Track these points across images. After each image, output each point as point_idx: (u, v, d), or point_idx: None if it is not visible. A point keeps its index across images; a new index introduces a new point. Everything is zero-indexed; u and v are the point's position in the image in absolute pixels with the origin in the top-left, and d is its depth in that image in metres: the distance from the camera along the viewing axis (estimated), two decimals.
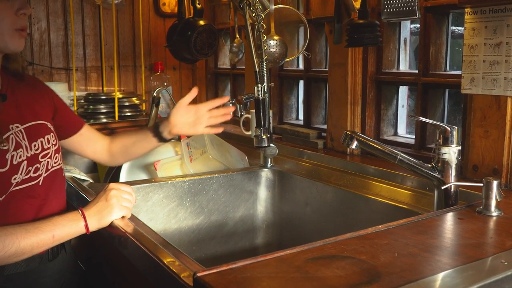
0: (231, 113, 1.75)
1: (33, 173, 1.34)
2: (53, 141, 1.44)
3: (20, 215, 1.30)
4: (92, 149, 1.71)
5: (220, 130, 1.74)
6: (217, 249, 1.99)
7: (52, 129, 1.46)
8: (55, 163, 1.42)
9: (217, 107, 1.72)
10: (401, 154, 1.42)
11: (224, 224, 2.00)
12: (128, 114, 2.81)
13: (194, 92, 1.70)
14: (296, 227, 2.00)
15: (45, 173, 1.38)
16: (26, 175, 1.32)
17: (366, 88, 2.02)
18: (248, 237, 2.06)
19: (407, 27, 2.06)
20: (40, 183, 1.36)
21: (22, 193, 1.31)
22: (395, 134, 2.09)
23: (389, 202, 1.64)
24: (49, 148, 1.40)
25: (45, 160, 1.38)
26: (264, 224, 2.09)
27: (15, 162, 1.30)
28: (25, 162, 1.32)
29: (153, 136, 1.69)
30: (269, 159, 2.09)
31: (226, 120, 1.74)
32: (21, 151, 1.32)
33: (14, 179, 1.29)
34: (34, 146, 1.36)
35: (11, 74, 1.43)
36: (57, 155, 1.44)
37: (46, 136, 1.41)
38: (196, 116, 1.68)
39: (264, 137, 1.83)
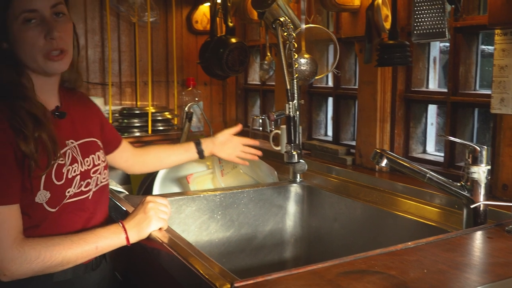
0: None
1: (85, 187, 1.41)
2: (103, 158, 1.51)
3: (70, 226, 1.37)
4: (125, 160, 1.80)
5: (246, 163, 2.06)
6: (246, 262, 2.03)
7: (101, 146, 1.54)
8: (103, 178, 1.50)
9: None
10: (430, 172, 1.45)
11: (254, 237, 2.05)
12: (161, 128, 2.89)
13: (239, 128, 2.01)
14: (324, 242, 2.03)
15: (94, 187, 1.45)
16: (78, 189, 1.39)
17: (395, 106, 2.05)
18: (276, 251, 2.10)
19: (437, 46, 2.09)
20: (90, 197, 1.43)
21: (73, 206, 1.38)
22: (424, 151, 2.11)
23: (418, 219, 1.66)
24: (99, 164, 1.48)
25: (95, 176, 1.45)
26: (293, 238, 2.12)
27: (70, 176, 1.37)
28: (79, 176, 1.39)
29: (197, 152, 1.90)
30: (298, 175, 2.13)
31: (253, 159, 2.04)
32: (75, 166, 1.39)
33: (68, 192, 1.36)
34: (87, 161, 1.43)
35: (66, 90, 1.50)
36: (105, 171, 1.51)
37: (97, 153, 1.49)
38: (233, 145, 1.97)
39: (294, 153, 1.88)
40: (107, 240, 1.35)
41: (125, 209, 1.66)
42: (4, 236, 1.22)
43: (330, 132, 2.63)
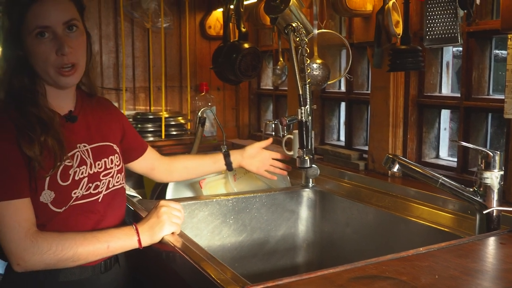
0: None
1: (93, 189, 1.43)
2: (117, 161, 1.53)
3: (79, 227, 1.39)
4: (151, 167, 1.83)
5: (275, 178, 2.05)
6: (258, 267, 2.04)
7: (118, 151, 1.56)
8: (116, 182, 1.51)
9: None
10: (443, 178, 1.44)
11: (266, 242, 2.05)
12: (174, 132, 2.91)
13: (269, 141, 2.04)
14: (336, 247, 2.03)
15: (105, 191, 1.47)
16: (86, 191, 1.41)
17: (408, 111, 2.05)
18: (289, 256, 2.10)
19: (450, 51, 2.08)
20: (100, 200, 1.45)
21: (82, 208, 1.40)
22: (437, 156, 2.10)
23: (430, 224, 1.65)
24: (111, 168, 1.50)
25: (106, 179, 1.47)
26: (305, 243, 2.12)
27: (76, 178, 1.39)
28: (86, 178, 1.41)
29: (225, 164, 1.94)
30: (310, 179, 2.13)
31: (282, 174, 2.05)
32: (83, 168, 1.41)
33: (74, 193, 1.39)
34: (98, 164, 1.46)
35: (85, 94, 1.54)
36: (119, 175, 1.53)
37: (111, 157, 1.51)
38: (262, 159, 1.99)
39: (306, 158, 1.89)
40: (119, 240, 1.37)
41: (138, 213, 1.68)
42: (17, 227, 1.26)
43: (342, 137, 2.63)
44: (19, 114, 1.33)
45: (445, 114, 2.10)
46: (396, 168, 1.48)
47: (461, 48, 1.93)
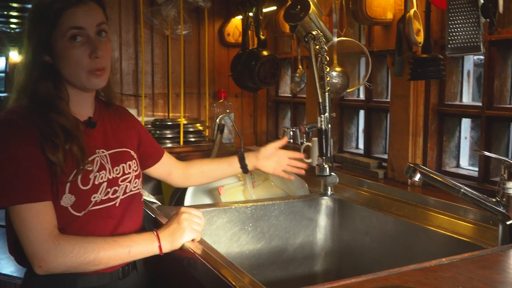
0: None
1: (112, 194, 1.44)
2: (135, 167, 1.54)
3: (97, 232, 1.40)
4: (168, 173, 1.84)
5: (292, 178, 2.02)
6: (276, 274, 2.03)
7: (135, 156, 1.58)
8: (134, 187, 1.53)
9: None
10: (465, 187, 1.43)
11: (284, 250, 2.05)
12: (192, 139, 2.93)
13: (284, 141, 1.99)
14: (355, 255, 2.02)
15: (122, 195, 1.48)
16: (105, 195, 1.43)
17: (428, 119, 2.04)
18: (307, 264, 2.09)
19: (471, 60, 2.07)
20: (117, 205, 1.46)
21: (100, 213, 1.41)
22: (458, 166, 2.09)
23: (451, 234, 1.64)
24: (129, 173, 1.51)
25: (124, 184, 1.48)
26: (323, 251, 2.12)
27: (96, 182, 1.41)
28: (105, 183, 1.43)
29: (240, 167, 1.90)
30: (329, 187, 2.12)
31: (300, 173, 2.00)
32: (103, 173, 1.43)
33: (94, 197, 1.40)
34: (116, 170, 1.47)
35: (103, 103, 1.57)
36: (137, 180, 1.54)
37: (128, 162, 1.52)
38: (279, 159, 1.94)
39: (326, 166, 1.88)
40: (140, 246, 1.38)
41: (158, 219, 1.69)
42: (39, 229, 1.27)
43: (361, 145, 2.62)
44: (43, 120, 1.35)
45: (466, 123, 2.09)
46: (417, 177, 1.47)
47: (482, 57, 1.92)
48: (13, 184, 1.29)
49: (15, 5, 6.11)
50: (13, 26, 8.18)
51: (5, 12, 6.46)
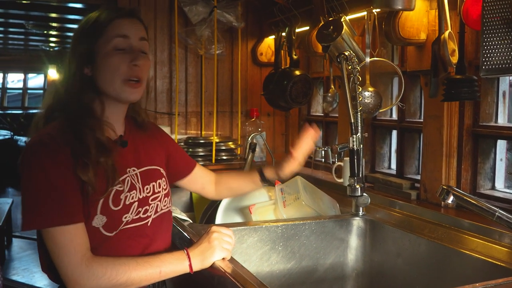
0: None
1: (143, 214, 1.47)
2: (164, 185, 1.57)
3: (128, 251, 1.42)
4: (201, 185, 1.88)
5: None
6: None
7: (164, 174, 1.60)
8: (164, 206, 1.55)
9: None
10: (500, 211, 1.41)
11: (315, 270, 2.04)
12: (224, 157, 2.95)
13: (308, 129, 1.93)
14: (387, 278, 1.99)
15: (154, 214, 1.50)
16: (136, 215, 1.45)
17: (462, 140, 2.01)
18: (337, 285, 2.08)
19: (506, 80, 2.03)
20: (149, 224, 1.48)
21: (131, 232, 1.43)
22: (493, 188, 2.04)
23: (485, 258, 1.60)
24: (159, 192, 1.54)
25: (154, 203, 1.51)
26: (354, 272, 2.10)
27: (127, 202, 1.43)
28: (136, 203, 1.45)
29: (260, 179, 1.89)
30: (361, 208, 2.11)
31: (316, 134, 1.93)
32: (134, 193, 1.45)
33: (125, 217, 1.42)
34: (147, 189, 1.49)
35: (133, 122, 1.60)
36: (166, 198, 1.57)
37: (158, 181, 1.55)
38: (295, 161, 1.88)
39: (357, 186, 1.87)
40: (171, 265, 1.39)
41: (189, 237, 1.70)
42: (73, 252, 1.30)
43: (393, 165, 2.59)
44: (75, 137, 1.37)
45: (502, 145, 2.05)
46: (450, 199, 1.45)
47: None
48: (46, 206, 1.31)
49: (54, 24, 6.32)
50: (52, 44, 8.46)
51: (45, 31, 6.68)
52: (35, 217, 1.31)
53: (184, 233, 1.76)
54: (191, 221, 1.99)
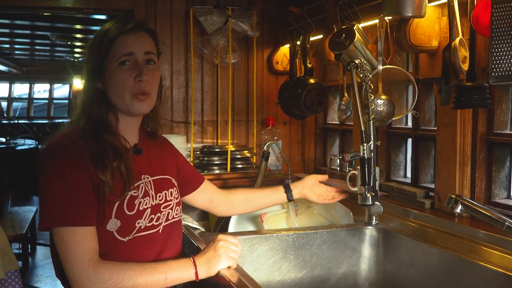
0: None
1: (155, 221, 1.49)
2: (175, 194, 1.60)
3: (141, 258, 1.44)
4: (209, 200, 1.89)
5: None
6: None
7: (176, 184, 1.64)
8: (175, 214, 1.57)
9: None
10: (509, 220, 1.38)
11: (327, 279, 2.02)
12: (240, 166, 2.96)
13: (325, 177, 2.13)
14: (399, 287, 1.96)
15: (165, 222, 1.52)
16: (149, 222, 1.47)
17: (476, 149, 1.98)
18: None
19: None
20: (160, 231, 1.51)
21: (144, 239, 1.46)
22: (508, 197, 2.00)
23: (500, 270, 1.57)
24: (171, 200, 1.56)
25: (166, 211, 1.53)
26: (367, 282, 2.07)
27: (141, 208, 1.46)
28: (149, 209, 1.48)
29: (285, 192, 2.00)
30: (374, 217, 2.09)
31: (344, 197, 2.15)
32: (147, 199, 1.48)
33: (138, 223, 1.45)
34: (159, 196, 1.52)
35: (146, 133, 1.65)
36: (177, 207, 1.59)
37: (170, 190, 1.58)
38: (321, 192, 2.07)
39: (368, 195, 1.86)
40: (176, 272, 1.40)
41: (197, 245, 1.71)
42: (80, 255, 1.32)
43: (409, 173, 2.56)
44: (95, 140, 1.43)
45: None
46: (459, 208, 1.43)
47: None
48: (59, 205, 1.34)
49: (78, 35, 6.45)
50: (76, 55, 8.62)
51: (69, 42, 6.83)
52: (48, 216, 1.35)
53: (193, 241, 1.76)
54: (202, 230, 2.00)
